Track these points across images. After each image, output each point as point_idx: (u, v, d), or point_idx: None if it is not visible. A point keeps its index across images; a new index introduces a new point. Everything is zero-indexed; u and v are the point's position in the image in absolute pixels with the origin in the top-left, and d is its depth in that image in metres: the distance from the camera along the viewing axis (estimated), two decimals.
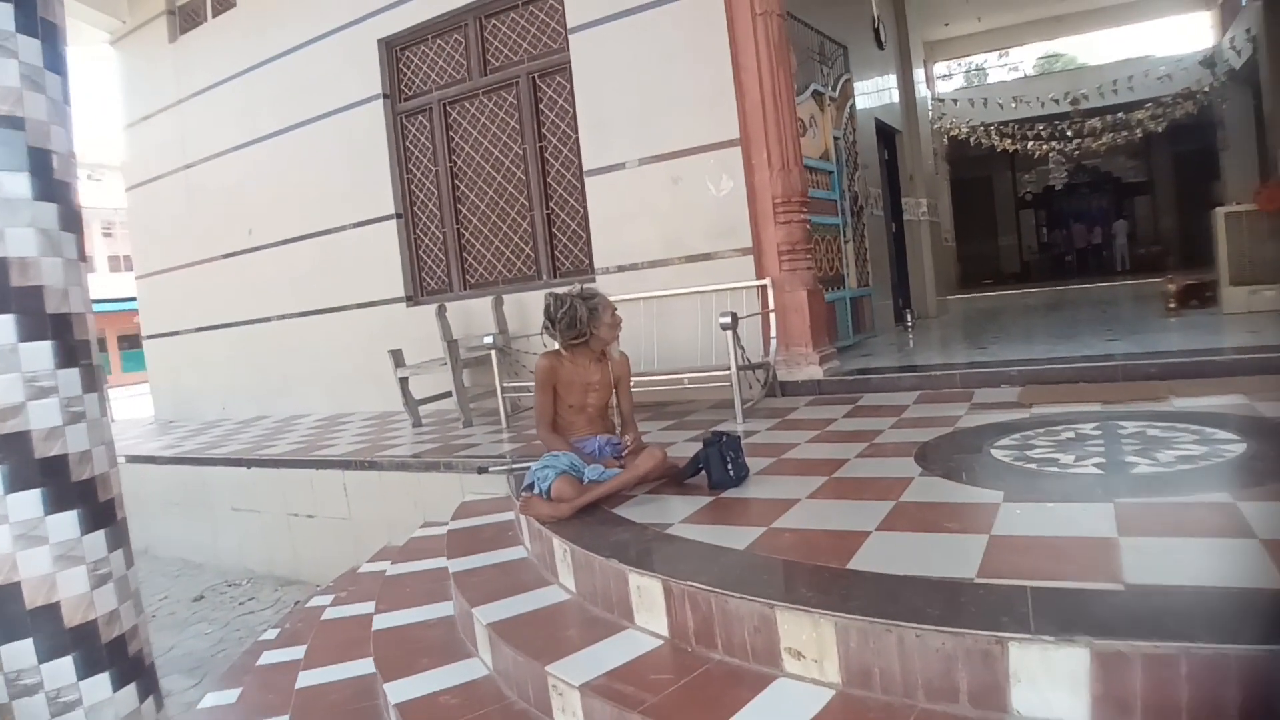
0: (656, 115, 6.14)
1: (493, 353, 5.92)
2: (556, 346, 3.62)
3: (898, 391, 5.31)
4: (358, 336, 7.83)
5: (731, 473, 3.37)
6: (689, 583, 2.32)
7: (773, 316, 5.73)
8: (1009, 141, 16.60)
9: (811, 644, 2.07)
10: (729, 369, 4.99)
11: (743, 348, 5.16)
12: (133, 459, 7.46)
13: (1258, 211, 6.90)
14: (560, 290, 3.59)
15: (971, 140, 16.55)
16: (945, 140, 16.64)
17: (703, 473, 3.43)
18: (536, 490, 3.43)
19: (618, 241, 6.39)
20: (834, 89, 7.58)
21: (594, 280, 6.47)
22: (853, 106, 8.03)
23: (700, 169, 5.98)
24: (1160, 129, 15.72)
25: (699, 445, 3.51)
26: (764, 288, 5.77)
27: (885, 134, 9.95)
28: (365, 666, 3.26)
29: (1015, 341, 6.94)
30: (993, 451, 3.51)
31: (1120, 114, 15.81)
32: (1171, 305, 7.77)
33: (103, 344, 31.71)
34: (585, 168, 6.48)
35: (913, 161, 10.63)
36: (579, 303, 3.50)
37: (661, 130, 6.14)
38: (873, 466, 3.51)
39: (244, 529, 6.58)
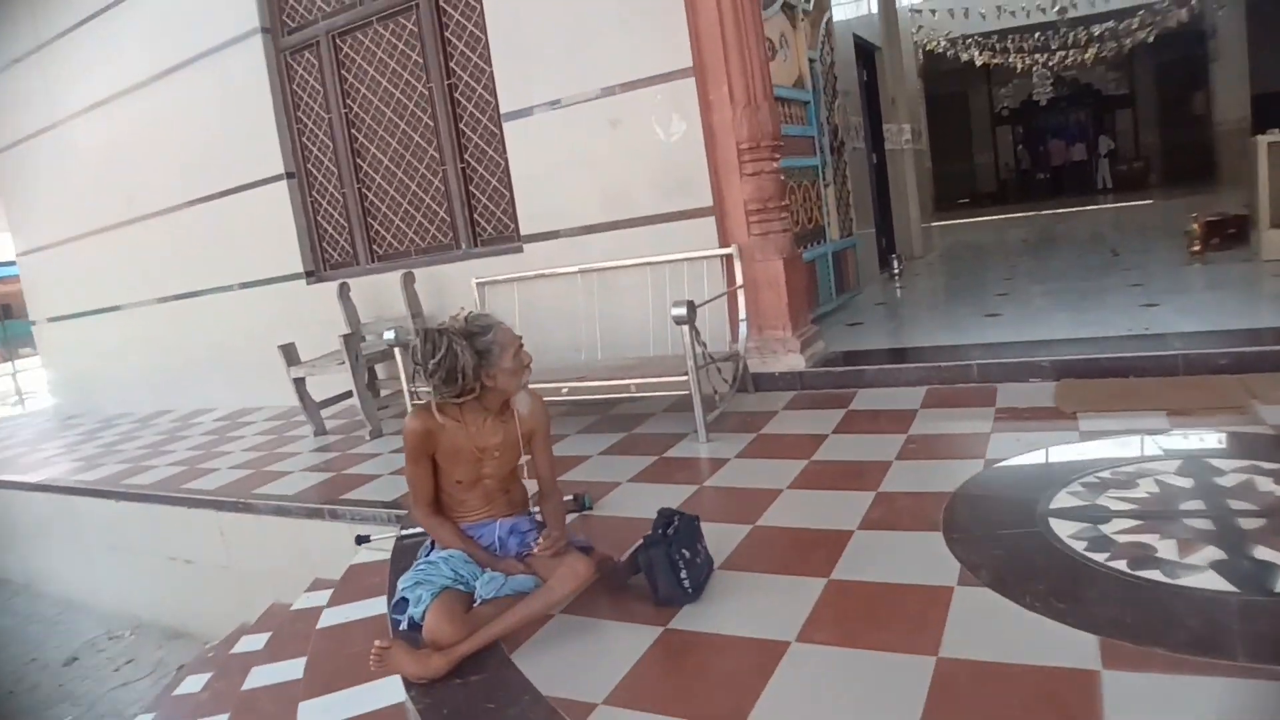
0: (588, 41, 4.90)
1: (396, 351, 4.79)
2: (428, 399, 2.49)
3: (899, 386, 4.26)
4: (256, 319, 6.63)
5: (686, 582, 2.32)
6: None
7: (741, 294, 4.64)
8: (990, 54, 15.30)
9: None
10: (685, 372, 3.91)
11: (703, 344, 4.08)
12: None
13: None
14: (436, 324, 2.45)
15: (949, 54, 15.27)
16: (921, 55, 15.37)
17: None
18: (406, 613, 2.38)
19: (547, 202, 5.21)
20: (809, 1, 6.33)
21: (520, 249, 5.32)
22: (829, 20, 6.78)
23: (645, 108, 4.79)
24: (1151, 39, 14.47)
25: (648, 506, 2.48)
26: (729, 257, 4.66)
27: (864, 51, 8.70)
28: None
29: (1027, 301, 5.87)
30: (1052, 524, 2.47)
31: (1110, 22, 14.53)
32: (1195, 249, 6.75)
33: None
34: (503, 110, 5.25)
35: (894, 82, 9.39)
36: (461, 345, 2.34)
37: (595, 59, 4.91)
38: (887, 553, 2.46)
39: (123, 570, 5.50)
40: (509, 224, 5.50)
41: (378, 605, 3.14)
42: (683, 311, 3.86)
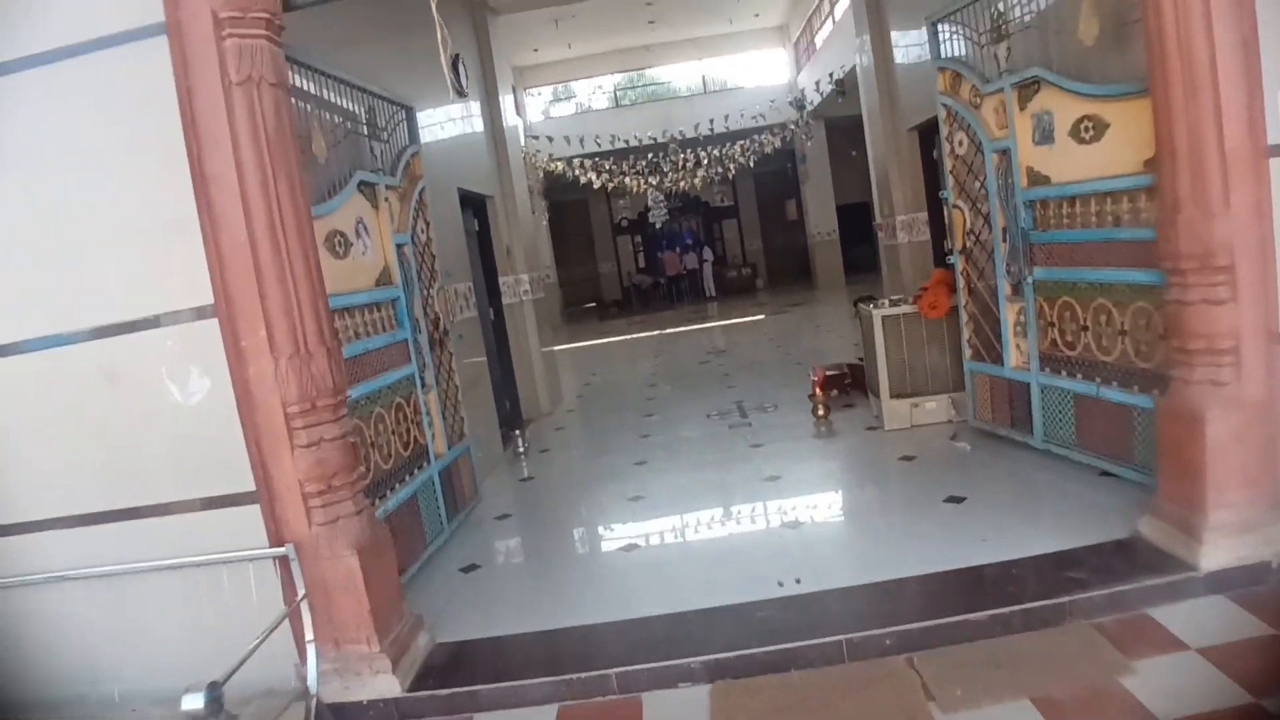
0: (75, 258, 3.52)
1: None
2: None
3: (525, 707, 3.33)
4: None
5: None
6: None
7: (306, 604, 3.46)
8: (606, 177, 15.76)
9: None
10: None
11: None
12: None
13: (918, 316, 6.05)
14: None
15: (568, 175, 15.62)
16: (540, 174, 15.54)
17: None
18: None
19: (25, 476, 3.65)
20: (396, 173, 5.40)
21: None
22: (423, 190, 5.88)
23: (154, 356, 3.48)
24: (751, 163, 15.96)
25: None
26: (284, 559, 3.47)
27: (473, 201, 8.02)
28: None
29: (664, 511, 5.41)
30: None
31: (714, 148, 15.74)
32: (820, 413, 6.87)
33: None
34: None
35: (510, 230, 8.79)
36: None
37: (85, 286, 3.54)
38: None
39: None
40: None
41: None
42: (198, 705, 2.61)
